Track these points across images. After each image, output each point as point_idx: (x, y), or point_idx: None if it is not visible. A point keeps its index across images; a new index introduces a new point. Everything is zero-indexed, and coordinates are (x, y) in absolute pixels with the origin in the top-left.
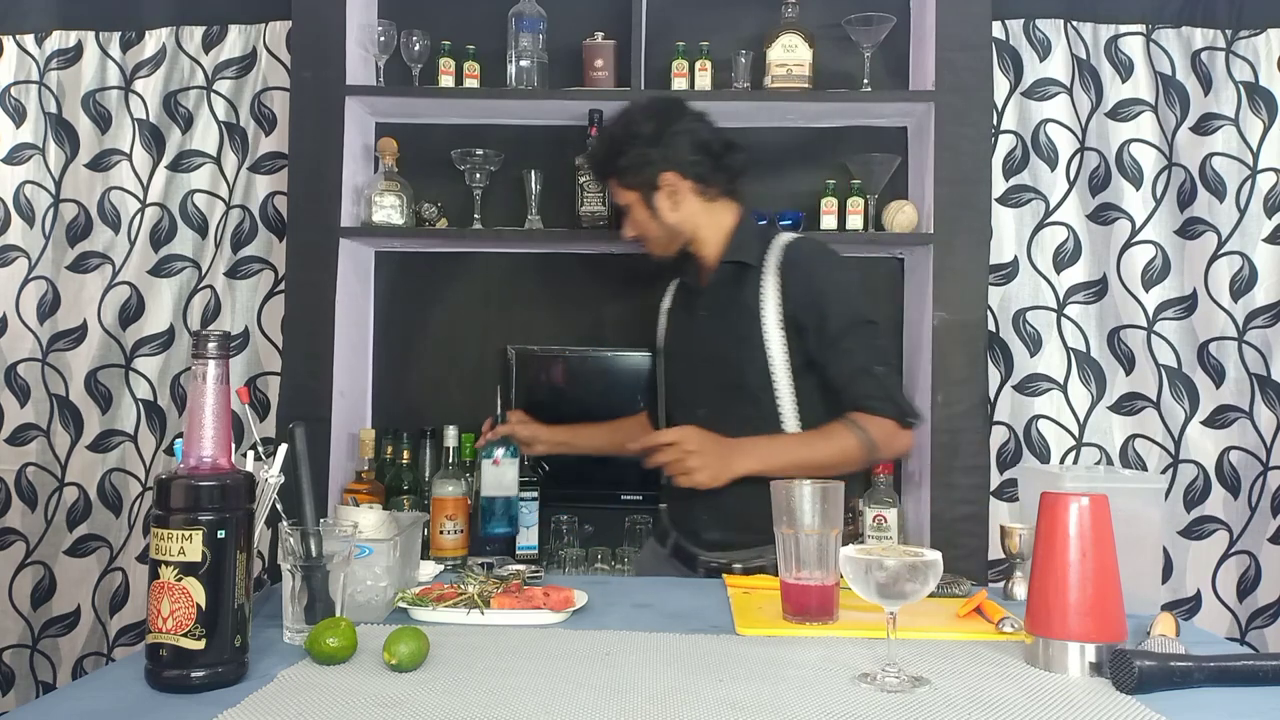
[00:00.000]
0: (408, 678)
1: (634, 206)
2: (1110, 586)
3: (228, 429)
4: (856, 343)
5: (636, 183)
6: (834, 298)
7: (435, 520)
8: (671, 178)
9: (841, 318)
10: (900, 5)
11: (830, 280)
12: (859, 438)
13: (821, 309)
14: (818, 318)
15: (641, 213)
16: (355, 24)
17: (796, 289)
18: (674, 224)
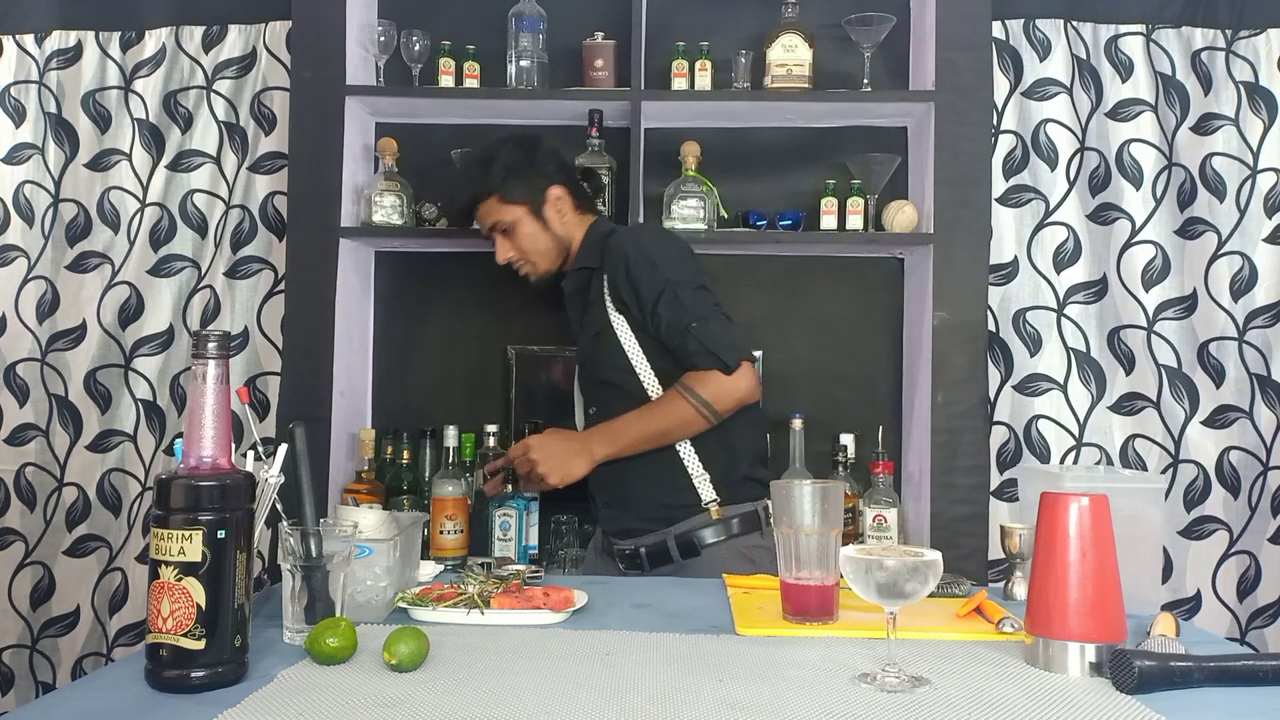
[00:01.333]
0: (408, 678)
1: (519, 223)
2: (1110, 586)
3: (228, 429)
4: (670, 306)
5: (525, 197)
6: (640, 268)
7: (435, 520)
8: (557, 190)
9: (650, 285)
10: (900, 5)
11: (634, 253)
12: (689, 399)
13: (634, 283)
14: (633, 293)
15: (529, 227)
16: (355, 24)
17: (615, 271)
18: (560, 235)
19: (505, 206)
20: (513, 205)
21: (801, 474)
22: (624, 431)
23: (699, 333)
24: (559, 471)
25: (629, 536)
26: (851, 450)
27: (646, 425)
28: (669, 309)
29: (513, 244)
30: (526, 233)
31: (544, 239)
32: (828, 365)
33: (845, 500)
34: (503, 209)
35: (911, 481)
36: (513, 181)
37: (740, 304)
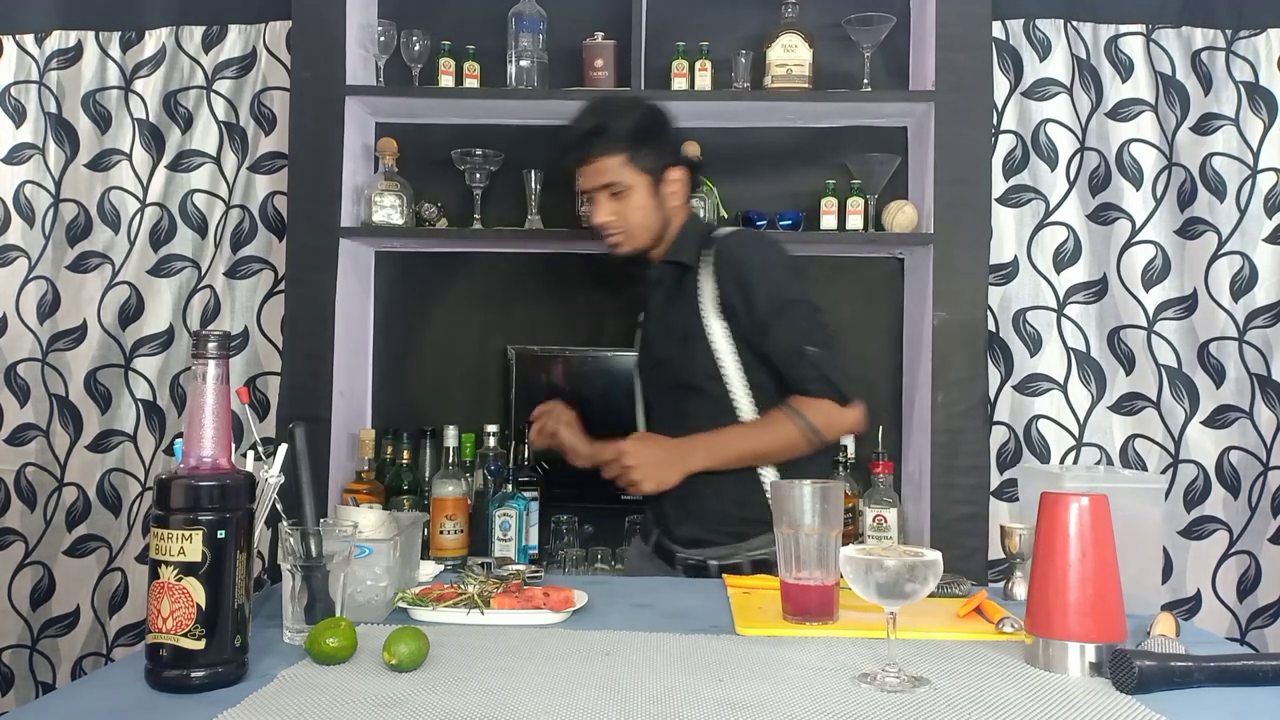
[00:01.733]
0: (408, 678)
1: (635, 191)
2: (1110, 586)
3: (228, 429)
4: (786, 324)
5: (652, 167)
6: (759, 280)
7: (435, 520)
8: (679, 172)
9: (768, 299)
10: (900, 5)
11: (755, 263)
12: (798, 424)
13: (747, 292)
14: (745, 302)
15: (643, 198)
16: (355, 24)
17: (725, 276)
18: (664, 218)
19: (628, 170)
20: (637, 171)
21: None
22: (726, 446)
23: (816, 359)
24: (654, 480)
25: (697, 546)
26: (851, 450)
27: (751, 443)
28: (785, 328)
29: (619, 209)
30: (639, 203)
31: (653, 215)
32: None
33: (845, 500)
34: (624, 171)
35: (911, 481)
36: (646, 148)
37: None
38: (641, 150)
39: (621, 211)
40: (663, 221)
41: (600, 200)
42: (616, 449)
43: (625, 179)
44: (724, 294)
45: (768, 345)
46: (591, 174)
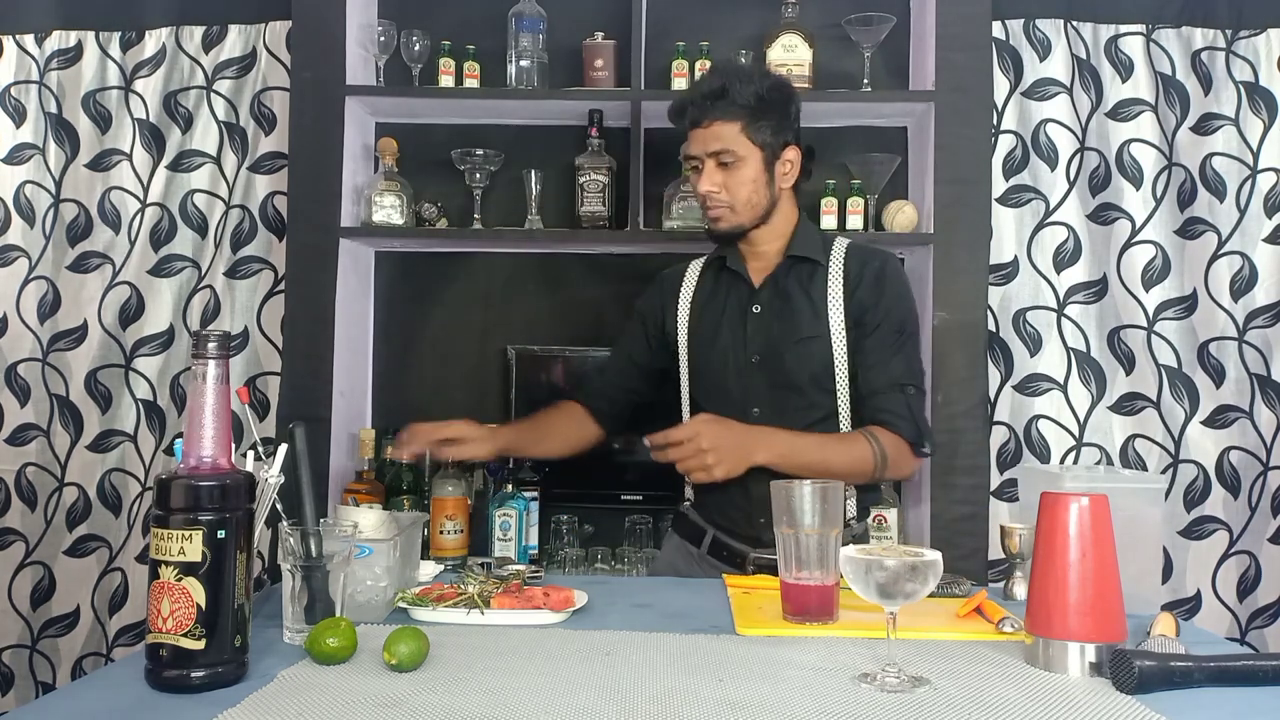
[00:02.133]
0: (408, 678)
1: (747, 163)
2: (1110, 586)
3: (228, 429)
4: (900, 356)
5: (769, 140)
6: (897, 304)
7: (435, 520)
8: (795, 153)
9: (897, 326)
10: (900, 5)
11: (896, 285)
12: (874, 451)
13: (884, 311)
14: (879, 316)
15: (754, 172)
16: (355, 24)
17: (865, 288)
18: (772, 198)
19: (743, 139)
20: (752, 142)
21: None
22: (800, 450)
23: (914, 401)
24: (727, 465)
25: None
26: None
27: (825, 455)
28: (900, 358)
29: (727, 181)
30: (749, 177)
31: (763, 193)
32: None
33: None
34: (739, 140)
35: (911, 482)
36: (766, 119)
37: None
38: (761, 121)
39: (730, 184)
40: (770, 202)
41: (708, 168)
42: (691, 429)
43: (738, 148)
44: (857, 304)
45: (871, 365)
46: (703, 139)
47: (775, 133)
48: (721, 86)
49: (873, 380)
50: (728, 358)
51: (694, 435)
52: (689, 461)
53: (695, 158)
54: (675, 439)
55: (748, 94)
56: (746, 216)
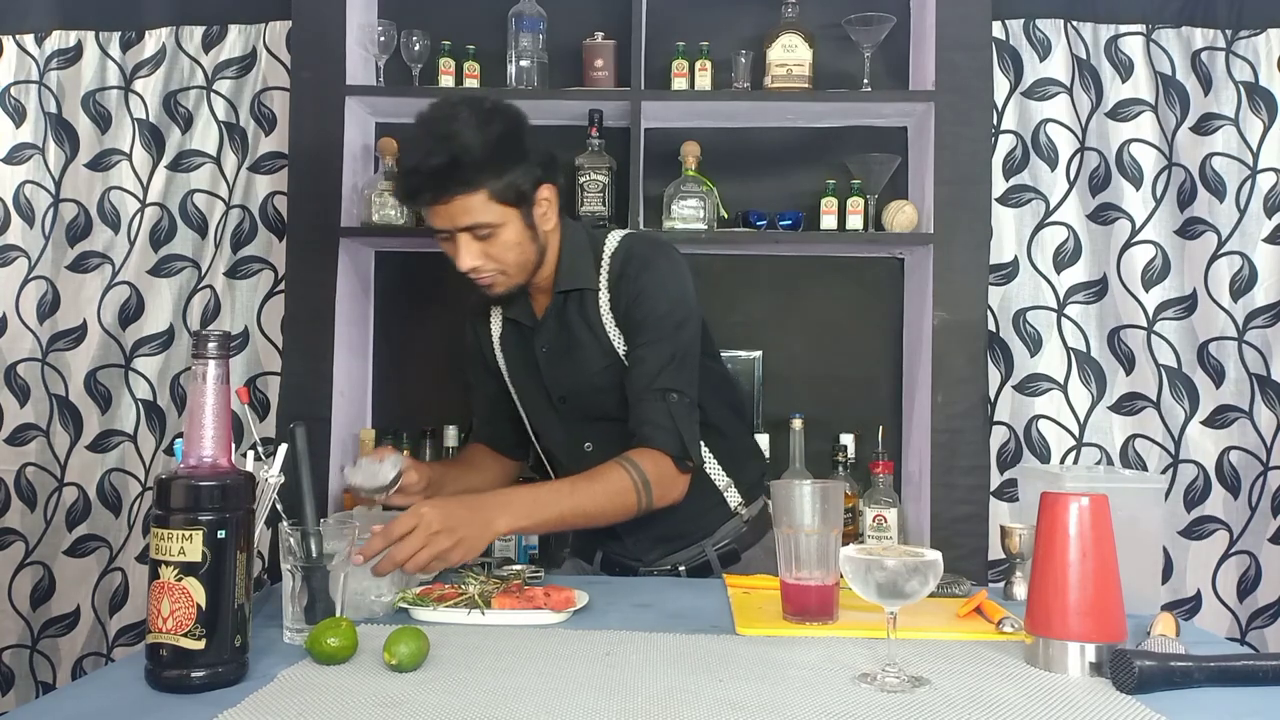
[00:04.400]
0: (408, 678)
1: (505, 229)
2: (1110, 586)
3: (228, 429)
4: (659, 357)
5: (519, 197)
6: (655, 303)
7: None
8: (549, 190)
9: (655, 325)
10: (900, 5)
11: (653, 282)
12: (635, 481)
13: (642, 311)
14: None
15: (515, 234)
16: (355, 24)
17: (626, 297)
18: (542, 244)
19: (493, 206)
20: (503, 206)
21: (801, 474)
22: (545, 505)
23: (676, 408)
24: (464, 548)
25: (663, 555)
26: (851, 450)
27: (577, 502)
28: (658, 359)
29: (489, 251)
30: (511, 240)
31: (529, 248)
32: (828, 365)
33: (845, 500)
34: (488, 209)
35: (911, 481)
36: (511, 174)
37: (740, 304)
38: (506, 178)
39: (492, 253)
40: (541, 249)
41: (463, 242)
42: (413, 519)
43: (489, 218)
44: (623, 310)
45: (630, 370)
46: (447, 215)
47: (524, 182)
48: (448, 158)
49: (631, 385)
50: (538, 399)
51: (418, 522)
52: (421, 554)
53: (444, 231)
54: (398, 533)
55: (480, 156)
56: (520, 276)
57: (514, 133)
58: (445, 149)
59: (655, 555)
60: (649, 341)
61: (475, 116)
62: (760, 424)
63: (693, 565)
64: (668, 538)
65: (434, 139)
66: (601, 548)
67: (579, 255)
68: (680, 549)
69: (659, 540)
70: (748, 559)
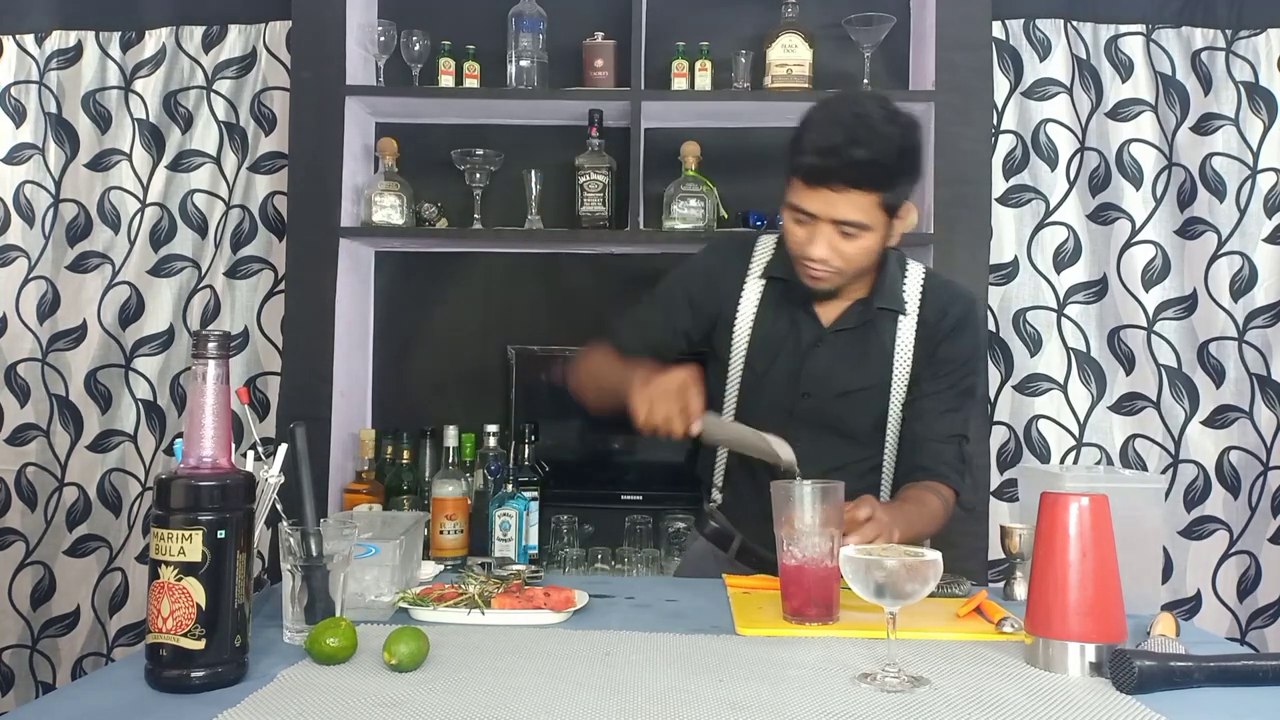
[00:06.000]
0: (408, 678)
1: (871, 234)
2: (1110, 586)
3: (228, 429)
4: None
5: (893, 208)
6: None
7: (435, 520)
8: (913, 212)
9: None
10: (900, 5)
11: (973, 336)
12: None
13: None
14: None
15: (875, 242)
16: (355, 24)
17: (941, 341)
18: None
19: (876, 211)
20: (881, 213)
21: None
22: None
23: (967, 455)
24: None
25: None
26: None
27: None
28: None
29: (844, 250)
30: (869, 247)
31: (874, 258)
32: None
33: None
34: (872, 212)
35: None
36: (901, 188)
37: None
38: (897, 190)
39: (847, 253)
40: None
41: (826, 233)
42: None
43: (869, 220)
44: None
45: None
46: (829, 201)
47: (904, 196)
48: (870, 157)
49: (929, 429)
50: (779, 388)
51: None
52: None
53: (810, 214)
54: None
55: (890, 162)
56: (850, 279)
57: (917, 147)
58: (869, 144)
59: None
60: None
61: (895, 121)
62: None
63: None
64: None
65: (860, 128)
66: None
67: (894, 278)
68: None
69: None
70: None
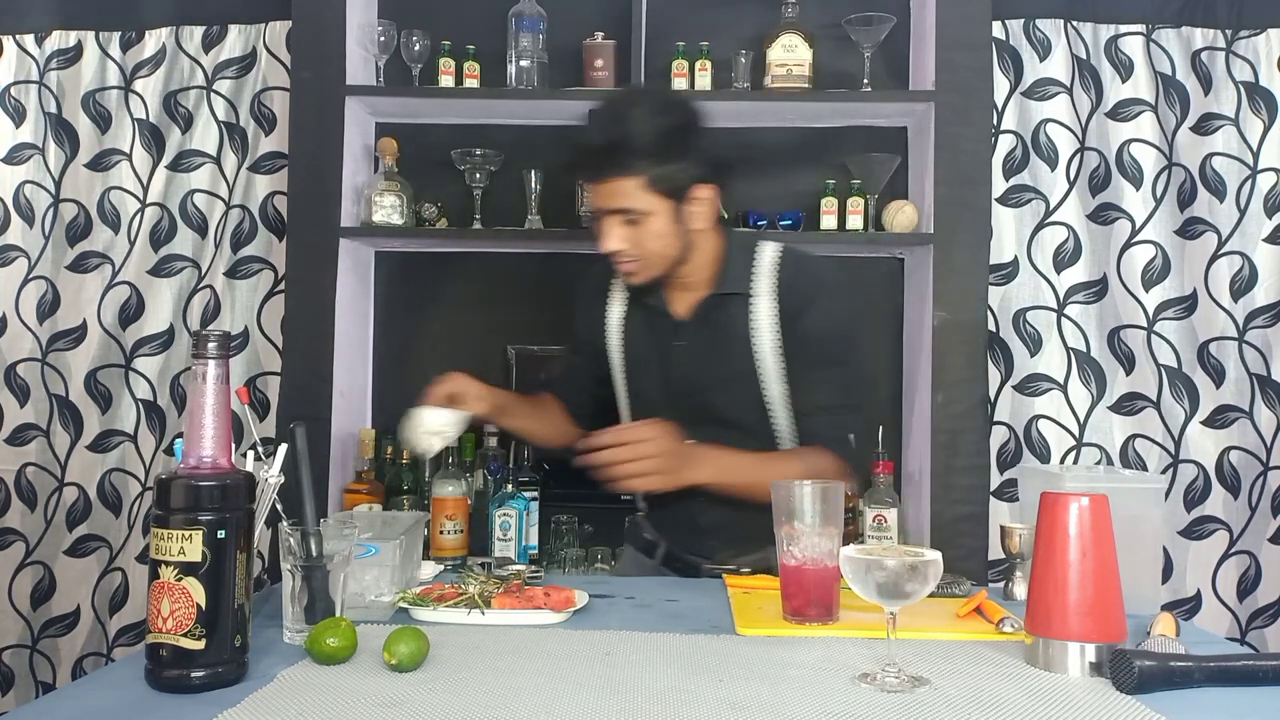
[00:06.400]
0: (408, 678)
1: (654, 218)
2: (1110, 586)
3: (228, 429)
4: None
5: (673, 190)
6: (833, 325)
7: (435, 520)
8: (708, 191)
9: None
10: (900, 5)
11: (832, 305)
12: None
13: (819, 333)
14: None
15: (663, 225)
16: (355, 24)
17: (799, 315)
18: (689, 241)
19: (646, 195)
20: (656, 196)
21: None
22: (739, 470)
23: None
24: (665, 478)
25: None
26: None
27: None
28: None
29: (633, 237)
30: (657, 231)
31: (673, 243)
32: None
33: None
34: (640, 197)
35: (911, 481)
36: (671, 166)
37: None
38: (665, 169)
39: (636, 239)
40: (684, 248)
41: (610, 225)
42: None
43: (640, 205)
44: (791, 327)
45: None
46: (603, 194)
47: (681, 178)
48: (614, 140)
49: (803, 403)
50: (657, 394)
51: (649, 438)
52: (631, 465)
53: (598, 210)
54: (628, 438)
55: (647, 143)
56: (660, 268)
57: (682, 127)
58: (612, 131)
59: (726, 554)
60: (824, 365)
61: (650, 105)
62: None
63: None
64: (746, 540)
65: (605, 120)
66: (669, 542)
67: (739, 261)
68: (751, 551)
69: (739, 540)
70: None
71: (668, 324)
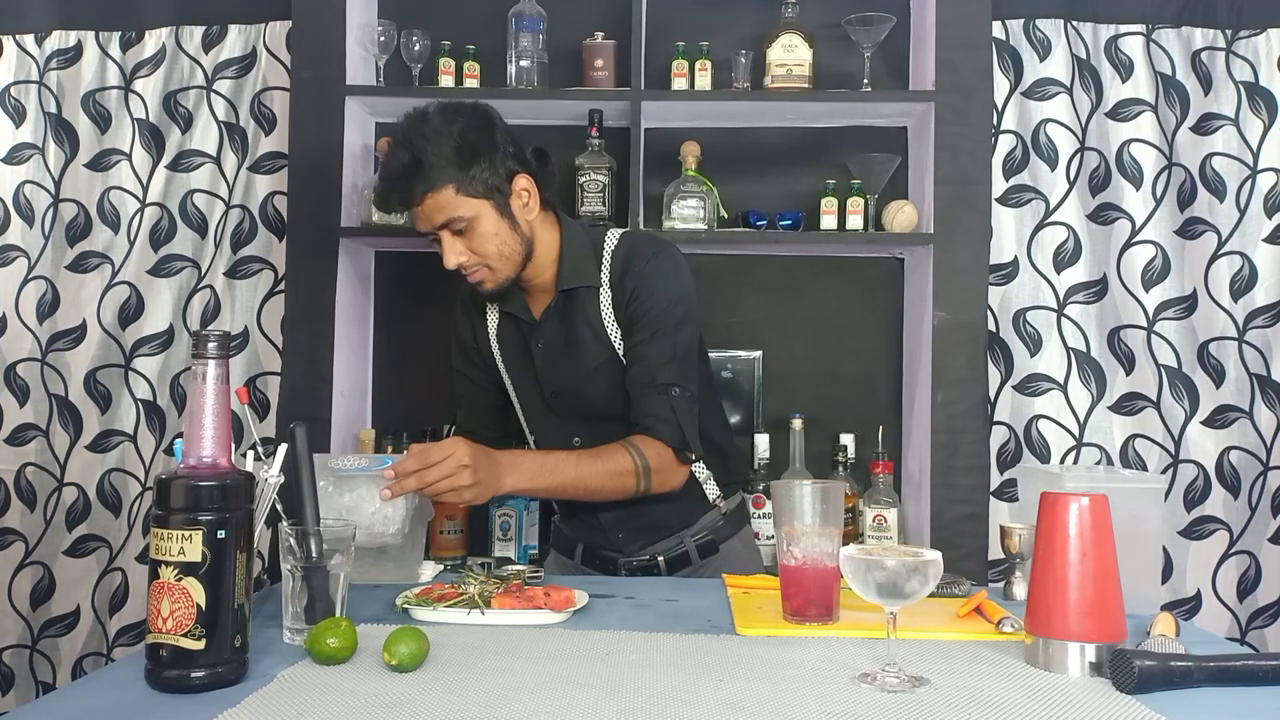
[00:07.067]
0: (408, 678)
1: (480, 220)
2: (1110, 586)
3: (228, 429)
4: (657, 348)
5: (488, 188)
6: (657, 300)
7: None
8: (525, 180)
9: (655, 321)
10: (900, 5)
11: (657, 281)
12: (636, 463)
13: (645, 308)
14: (638, 317)
15: (492, 224)
16: (355, 24)
17: (629, 295)
18: (525, 235)
19: (462, 200)
20: (472, 199)
21: (801, 474)
22: (552, 472)
23: (678, 403)
24: (477, 490)
25: (642, 550)
26: (851, 450)
27: (580, 473)
28: (661, 355)
29: (469, 245)
30: (488, 232)
31: (509, 239)
32: (828, 365)
33: (845, 500)
34: (459, 203)
35: (911, 481)
36: (474, 168)
37: (740, 304)
38: (471, 171)
39: (472, 246)
40: (525, 240)
41: (445, 240)
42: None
43: (462, 211)
44: (625, 307)
45: (633, 365)
46: (425, 215)
47: (493, 174)
48: (413, 159)
49: (633, 379)
50: (531, 393)
51: (453, 453)
52: (444, 483)
53: (428, 233)
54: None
55: (443, 153)
56: (509, 268)
57: (476, 128)
58: (407, 152)
59: (636, 547)
60: (650, 338)
61: (437, 117)
62: (760, 424)
63: (671, 556)
64: (650, 529)
65: (401, 144)
66: (583, 541)
67: (580, 254)
68: (660, 540)
69: (642, 531)
70: (725, 550)
71: (528, 328)
